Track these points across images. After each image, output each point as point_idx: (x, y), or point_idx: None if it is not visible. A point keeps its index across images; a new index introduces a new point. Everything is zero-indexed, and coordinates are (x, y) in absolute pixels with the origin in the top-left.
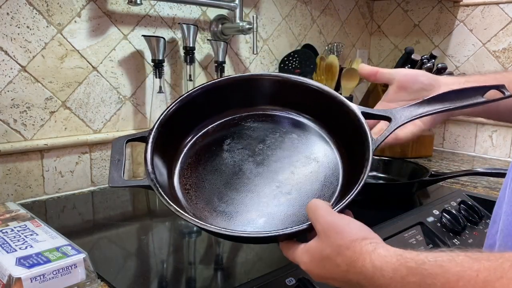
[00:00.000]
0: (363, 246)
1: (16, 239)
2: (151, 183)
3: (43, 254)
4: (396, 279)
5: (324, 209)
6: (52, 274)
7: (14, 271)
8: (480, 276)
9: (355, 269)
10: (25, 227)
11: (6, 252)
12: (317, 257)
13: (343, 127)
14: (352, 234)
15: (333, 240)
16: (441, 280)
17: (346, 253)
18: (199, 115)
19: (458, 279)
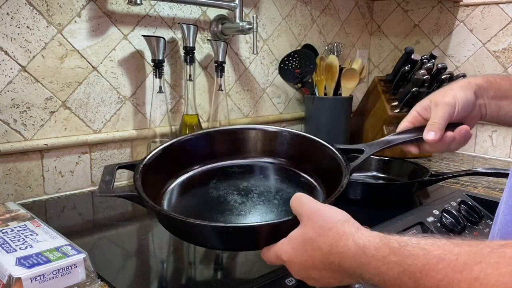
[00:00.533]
0: (346, 227)
1: (16, 239)
2: (138, 192)
3: (43, 254)
4: (377, 257)
5: (308, 197)
6: (52, 274)
7: (14, 271)
8: (459, 259)
9: (337, 249)
10: (25, 227)
11: (6, 252)
12: (299, 242)
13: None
14: (335, 216)
15: (316, 223)
16: (421, 261)
17: (328, 234)
18: (187, 159)
19: (438, 261)
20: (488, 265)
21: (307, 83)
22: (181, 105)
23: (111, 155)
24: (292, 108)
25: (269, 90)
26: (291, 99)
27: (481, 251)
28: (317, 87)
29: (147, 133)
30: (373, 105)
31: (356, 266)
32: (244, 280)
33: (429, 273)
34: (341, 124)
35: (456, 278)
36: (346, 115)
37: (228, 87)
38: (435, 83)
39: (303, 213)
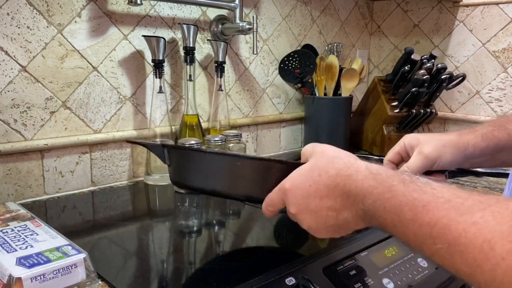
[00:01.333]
0: (359, 160)
1: (17, 239)
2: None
3: (43, 254)
4: (385, 184)
5: None
6: (52, 274)
7: (15, 271)
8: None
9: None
10: (25, 227)
11: (7, 252)
12: (307, 169)
13: None
14: (347, 153)
15: (328, 154)
16: (428, 198)
17: (339, 161)
18: None
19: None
20: (490, 213)
21: (307, 83)
22: (181, 105)
23: (111, 155)
24: (292, 108)
25: (269, 90)
26: (291, 99)
27: (488, 200)
28: (317, 87)
29: (147, 133)
30: (373, 105)
31: (363, 189)
32: (244, 280)
33: (431, 209)
34: (341, 124)
35: (456, 219)
36: (346, 115)
37: (228, 87)
38: (435, 83)
39: (316, 149)
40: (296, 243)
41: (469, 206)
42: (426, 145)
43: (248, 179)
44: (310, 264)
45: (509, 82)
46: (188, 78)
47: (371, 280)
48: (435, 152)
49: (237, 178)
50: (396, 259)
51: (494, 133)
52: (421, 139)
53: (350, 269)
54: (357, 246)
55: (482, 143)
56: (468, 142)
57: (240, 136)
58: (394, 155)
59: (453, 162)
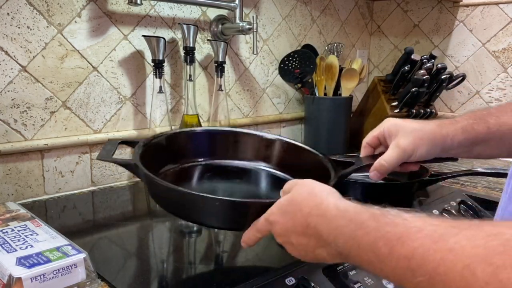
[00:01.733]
0: (331, 196)
1: (17, 239)
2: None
3: (44, 254)
4: (355, 221)
5: None
6: (53, 274)
7: (15, 271)
8: (437, 231)
9: (317, 211)
10: (25, 227)
11: (7, 252)
12: (286, 203)
13: (312, 171)
14: (323, 187)
15: (304, 189)
16: (400, 229)
17: (313, 198)
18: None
19: (416, 231)
20: (464, 237)
21: (307, 83)
22: (181, 105)
23: None
24: (292, 108)
25: (269, 90)
26: (291, 99)
27: (460, 225)
28: (317, 87)
29: (147, 133)
30: (373, 105)
31: (333, 229)
32: (244, 280)
33: (405, 241)
34: (341, 124)
35: (431, 247)
36: (346, 115)
37: (228, 87)
38: (435, 83)
39: (295, 183)
40: None
41: (442, 233)
42: (403, 138)
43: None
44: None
45: (509, 82)
46: (188, 78)
47: (371, 280)
48: (411, 146)
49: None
50: None
51: (474, 126)
52: (400, 128)
53: (350, 269)
54: None
55: (461, 135)
56: (447, 134)
57: None
58: (372, 139)
59: (429, 155)
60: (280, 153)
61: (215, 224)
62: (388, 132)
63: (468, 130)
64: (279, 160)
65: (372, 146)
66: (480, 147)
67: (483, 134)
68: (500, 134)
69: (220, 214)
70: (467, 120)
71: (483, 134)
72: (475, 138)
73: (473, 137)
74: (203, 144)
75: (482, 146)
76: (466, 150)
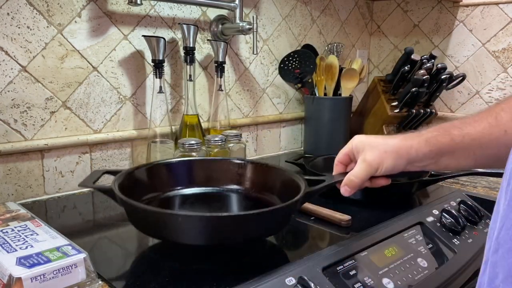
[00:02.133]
0: None
1: (17, 239)
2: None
3: (44, 254)
4: None
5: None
6: (53, 274)
7: (15, 271)
8: None
9: None
10: (26, 227)
11: (7, 252)
12: None
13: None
14: None
15: None
16: None
17: None
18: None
19: None
20: None
21: (307, 83)
22: (181, 105)
23: (111, 155)
24: (292, 108)
25: (269, 90)
26: (291, 99)
27: None
28: (317, 87)
29: (147, 133)
30: (373, 105)
31: None
32: (244, 280)
33: None
34: (341, 124)
35: None
36: (346, 115)
37: (228, 87)
38: (435, 83)
39: None
40: (296, 243)
41: None
42: (369, 152)
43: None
44: (310, 264)
45: (509, 82)
46: (188, 78)
47: (371, 280)
48: (377, 159)
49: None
50: (396, 259)
51: (438, 138)
52: (366, 144)
53: (350, 269)
54: (357, 246)
55: (425, 148)
56: (411, 147)
57: (240, 136)
58: (343, 157)
59: (396, 167)
60: (252, 174)
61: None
62: (356, 149)
63: (432, 142)
64: (251, 181)
65: (344, 164)
66: (446, 159)
67: (447, 146)
68: (464, 145)
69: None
70: (431, 133)
71: (447, 145)
72: (439, 149)
73: (438, 148)
74: (182, 173)
75: (448, 158)
76: (433, 162)
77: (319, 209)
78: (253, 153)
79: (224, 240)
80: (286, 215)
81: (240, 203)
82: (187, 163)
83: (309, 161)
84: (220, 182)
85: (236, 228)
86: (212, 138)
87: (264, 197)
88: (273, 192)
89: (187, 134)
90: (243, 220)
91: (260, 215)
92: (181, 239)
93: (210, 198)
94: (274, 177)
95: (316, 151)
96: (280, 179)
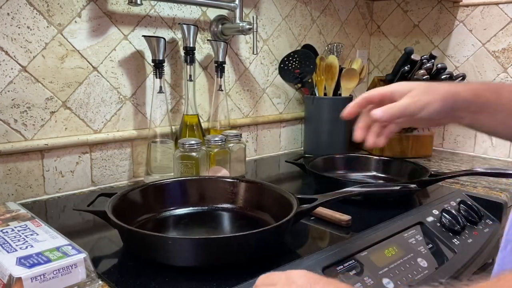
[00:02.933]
0: None
1: (17, 239)
2: (106, 209)
3: (44, 254)
4: None
5: None
6: (53, 274)
7: (15, 271)
8: None
9: None
10: (26, 227)
11: (7, 252)
12: None
13: (275, 206)
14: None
15: None
16: None
17: None
18: (160, 201)
19: None
20: None
21: (307, 83)
22: (181, 105)
23: (111, 155)
24: (292, 108)
25: (269, 90)
26: (291, 99)
27: None
28: (317, 87)
29: (147, 133)
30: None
31: None
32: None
33: None
34: (341, 124)
35: None
36: None
37: (228, 87)
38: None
39: None
40: (296, 243)
41: None
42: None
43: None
44: (310, 264)
45: (509, 82)
46: (188, 78)
47: (371, 280)
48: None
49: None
50: (396, 259)
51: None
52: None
53: (350, 269)
54: (357, 246)
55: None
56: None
57: (240, 136)
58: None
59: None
60: (245, 193)
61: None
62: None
63: (479, 94)
64: (244, 200)
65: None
66: (487, 116)
67: (493, 103)
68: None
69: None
70: (480, 86)
71: (492, 102)
72: (483, 104)
73: (482, 103)
74: (175, 194)
75: (489, 116)
76: (474, 116)
77: (319, 209)
78: (253, 153)
79: (215, 261)
80: (277, 235)
81: (233, 223)
82: (181, 183)
83: (309, 161)
84: (214, 201)
85: (227, 249)
86: (212, 138)
87: (258, 216)
88: (266, 210)
89: (187, 134)
90: (234, 241)
91: (248, 236)
92: (174, 261)
93: (204, 217)
94: (267, 195)
95: (316, 151)
96: (273, 197)
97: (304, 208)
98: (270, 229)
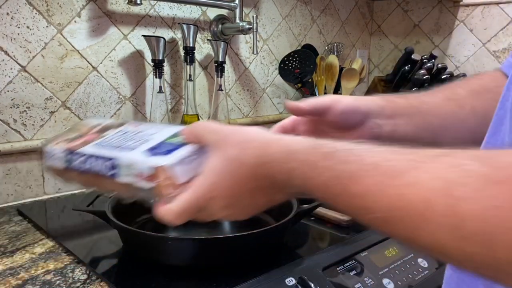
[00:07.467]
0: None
1: (128, 139)
2: (106, 209)
3: (167, 142)
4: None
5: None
6: (192, 157)
7: (153, 161)
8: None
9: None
10: (126, 130)
11: (131, 150)
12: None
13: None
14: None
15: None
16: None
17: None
18: None
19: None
20: (423, 170)
21: (307, 83)
22: (181, 105)
23: None
24: None
25: (269, 90)
26: (291, 99)
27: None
28: (317, 87)
29: None
30: None
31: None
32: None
33: (359, 179)
34: None
35: (387, 184)
36: None
37: (228, 87)
38: (435, 83)
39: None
40: (296, 243)
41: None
42: None
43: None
44: (310, 264)
45: None
46: (188, 78)
47: (371, 280)
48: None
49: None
50: (396, 259)
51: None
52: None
53: (350, 269)
54: (357, 246)
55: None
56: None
57: None
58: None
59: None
60: None
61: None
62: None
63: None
64: None
65: None
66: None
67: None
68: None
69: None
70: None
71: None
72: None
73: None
74: None
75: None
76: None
77: (320, 209)
78: None
79: (215, 261)
80: (277, 235)
81: (233, 223)
82: None
83: None
84: None
85: (227, 249)
86: None
87: (258, 216)
88: (266, 210)
89: None
90: (234, 241)
91: (248, 236)
92: (174, 261)
93: None
94: None
95: None
96: None
97: (304, 208)
98: (270, 229)
